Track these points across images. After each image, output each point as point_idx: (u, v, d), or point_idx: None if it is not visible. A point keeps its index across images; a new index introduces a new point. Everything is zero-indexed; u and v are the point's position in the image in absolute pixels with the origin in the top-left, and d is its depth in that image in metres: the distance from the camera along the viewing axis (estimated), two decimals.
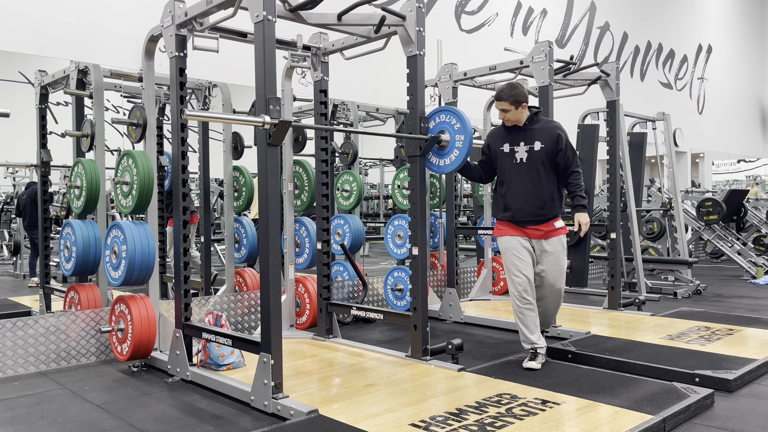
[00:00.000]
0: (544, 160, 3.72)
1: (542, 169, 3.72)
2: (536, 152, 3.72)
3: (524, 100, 3.71)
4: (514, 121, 3.77)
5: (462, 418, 2.78)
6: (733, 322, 4.87)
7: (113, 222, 3.95)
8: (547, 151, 3.71)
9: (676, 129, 7.95)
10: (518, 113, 3.74)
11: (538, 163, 3.71)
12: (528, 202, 3.72)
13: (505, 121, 3.79)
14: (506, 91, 3.70)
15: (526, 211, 3.73)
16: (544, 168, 3.72)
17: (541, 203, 3.71)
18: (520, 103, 3.70)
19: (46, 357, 3.93)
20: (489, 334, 4.86)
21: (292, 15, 3.60)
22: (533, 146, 3.72)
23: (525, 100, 3.72)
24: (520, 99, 3.70)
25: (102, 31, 5.08)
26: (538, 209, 3.72)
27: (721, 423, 2.88)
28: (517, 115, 3.75)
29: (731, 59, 14.80)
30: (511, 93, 3.69)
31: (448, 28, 8.01)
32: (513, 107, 3.71)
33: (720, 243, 8.39)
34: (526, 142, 3.74)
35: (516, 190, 3.76)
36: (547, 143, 3.72)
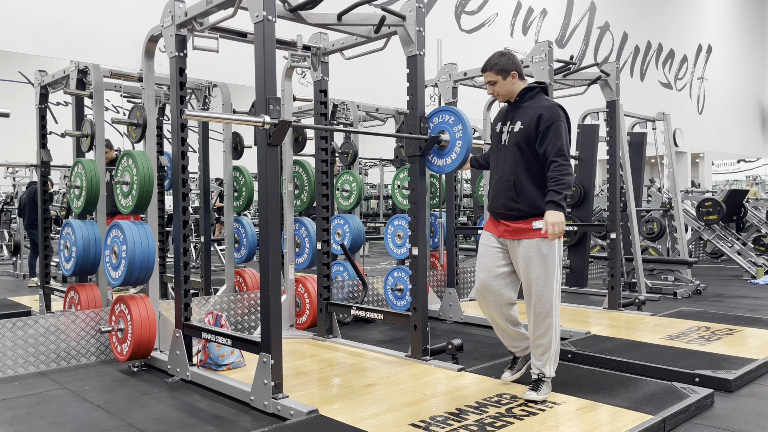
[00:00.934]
0: (521, 143, 3.11)
1: (518, 155, 3.11)
2: (515, 134, 3.13)
3: (514, 69, 3.17)
4: (505, 95, 3.23)
5: (462, 418, 2.78)
6: (733, 322, 4.87)
7: (113, 222, 3.95)
8: (524, 134, 3.10)
9: (676, 129, 7.95)
10: (507, 85, 3.20)
11: (515, 147, 3.12)
12: (501, 191, 3.17)
13: (497, 97, 3.27)
14: (492, 59, 3.21)
15: (498, 202, 3.18)
16: (521, 153, 3.11)
17: (513, 194, 3.10)
18: (508, 72, 3.17)
19: (46, 357, 3.93)
20: (489, 334, 4.86)
21: (292, 15, 3.60)
22: (514, 127, 3.15)
23: (515, 69, 3.17)
24: (508, 67, 3.16)
25: (102, 31, 5.08)
26: (509, 201, 3.12)
27: (721, 423, 2.88)
28: (507, 87, 3.20)
29: (731, 59, 14.80)
30: (497, 61, 3.18)
31: (448, 28, 8.01)
32: (500, 77, 3.18)
33: (720, 243, 8.39)
34: (512, 121, 3.19)
35: (495, 176, 3.25)
36: (526, 124, 3.11)
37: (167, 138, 5.28)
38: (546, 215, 2.98)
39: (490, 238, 3.24)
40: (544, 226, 2.99)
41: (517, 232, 3.11)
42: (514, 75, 3.18)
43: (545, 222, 2.98)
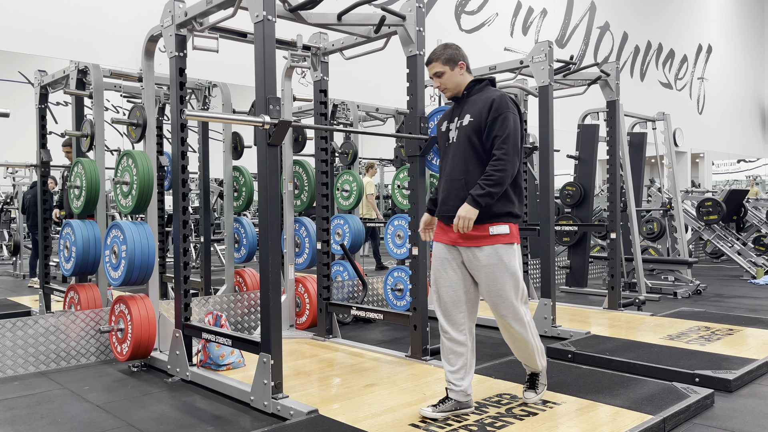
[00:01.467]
0: (472, 137, 2.81)
1: (470, 150, 2.81)
2: (464, 128, 2.85)
3: (461, 59, 2.94)
4: (452, 89, 2.96)
5: (462, 418, 2.78)
6: (733, 322, 4.87)
7: (113, 222, 3.95)
8: (475, 126, 2.81)
9: (676, 129, 7.95)
10: (455, 77, 2.93)
11: (466, 141, 2.83)
12: (452, 192, 2.84)
13: (444, 92, 3.00)
14: (437, 49, 2.96)
15: (449, 204, 2.84)
16: (473, 148, 2.81)
17: (465, 194, 2.76)
18: (456, 62, 2.92)
19: (46, 357, 3.93)
20: (489, 334, 4.86)
21: (292, 15, 3.60)
22: (463, 121, 2.87)
23: (463, 60, 2.94)
24: (456, 57, 2.92)
25: (102, 31, 5.08)
26: (462, 202, 2.76)
27: (721, 423, 2.88)
28: (455, 80, 2.94)
29: (731, 59, 14.80)
30: (443, 51, 2.94)
31: (448, 28, 8.01)
32: (447, 68, 2.92)
33: (720, 243, 8.39)
34: (460, 116, 2.91)
35: (444, 177, 2.92)
36: (476, 116, 2.82)
37: (167, 138, 5.27)
38: (460, 209, 2.70)
39: (442, 249, 2.90)
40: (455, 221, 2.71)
41: (472, 239, 2.77)
42: (462, 66, 2.94)
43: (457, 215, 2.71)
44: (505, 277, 2.77)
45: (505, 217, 2.78)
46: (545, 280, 4.75)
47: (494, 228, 2.76)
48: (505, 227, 2.77)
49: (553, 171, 4.89)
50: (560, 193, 6.98)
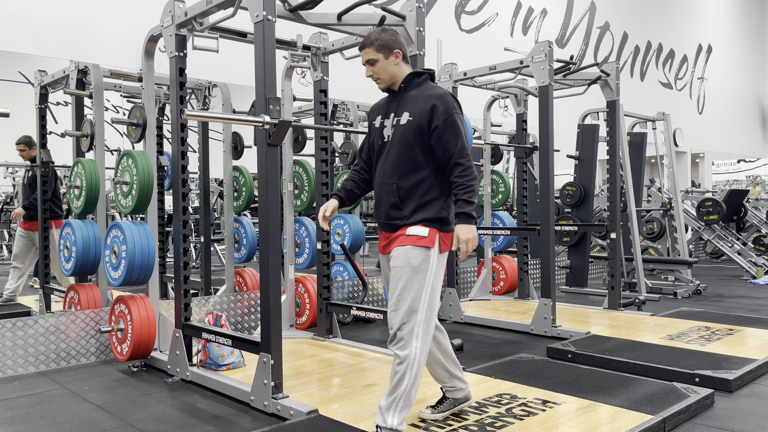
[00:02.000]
0: (410, 138, 2.55)
1: (405, 152, 2.55)
2: (401, 127, 2.58)
3: (397, 47, 2.63)
4: (386, 80, 2.66)
5: (462, 418, 2.78)
6: (733, 322, 4.87)
7: (113, 222, 3.95)
8: (414, 127, 2.54)
9: (676, 129, 7.96)
10: (390, 66, 2.64)
11: (402, 143, 2.56)
12: (383, 196, 2.62)
13: (377, 83, 2.70)
14: (372, 34, 2.66)
15: (381, 210, 2.64)
16: (409, 150, 2.55)
17: (396, 200, 2.55)
18: (391, 50, 2.62)
19: (46, 357, 3.93)
20: (489, 334, 4.86)
21: (292, 15, 3.60)
22: (400, 119, 2.60)
23: (399, 48, 2.63)
24: (391, 45, 2.62)
25: (102, 30, 5.08)
26: (392, 209, 2.57)
27: (721, 423, 2.88)
28: (389, 70, 2.64)
29: (731, 59, 14.80)
30: (378, 36, 2.63)
31: (448, 28, 8.01)
32: (381, 56, 2.62)
33: (720, 243, 8.39)
34: (396, 113, 2.63)
35: (377, 179, 2.67)
36: (416, 115, 2.55)
37: (167, 138, 5.28)
38: (458, 230, 2.48)
39: (383, 260, 2.70)
40: (455, 243, 2.51)
41: (392, 243, 2.57)
42: (398, 55, 2.64)
43: (456, 238, 2.50)
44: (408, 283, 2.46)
45: (427, 221, 2.52)
46: (545, 280, 4.75)
47: (412, 229, 2.52)
48: (424, 230, 2.50)
49: (553, 171, 4.89)
50: (560, 193, 6.98)
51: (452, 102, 2.57)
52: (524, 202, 6.12)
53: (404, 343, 2.43)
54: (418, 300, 2.45)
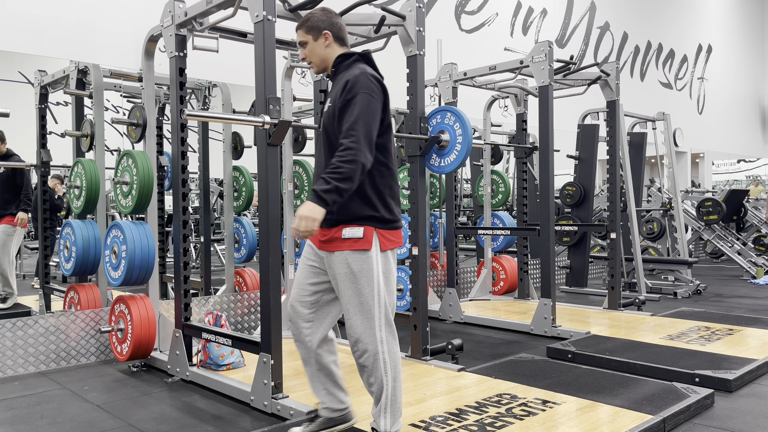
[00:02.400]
0: (328, 126, 2.40)
1: (327, 142, 2.40)
2: (325, 114, 2.44)
3: (327, 28, 2.44)
4: (317, 63, 2.51)
5: (462, 418, 2.78)
6: (733, 322, 4.87)
7: (113, 222, 3.94)
8: (331, 113, 2.39)
9: (676, 129, 7.96)
10: (319, 48, 2.47)
11: (323, 131, 2.43)
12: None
13: (309, 66, 2.57)
14: (305, 15, 2.53)
15: None
16: (328, 140, 2.39)
17: None
18: (320, 31, 2.44)
19: (46, 357, 3.93)
20: (489, 334, 4.86)
21: (292, 15, 3.60)
22: (324, 106, 2.48)
23: (329, 29, 2.45)
24: (320, 25, 2.44)
25: (102, 30, 5.08)
26: None
27: (721, 423, 2.88)
28: (319, 52, 2.47)
29: (731, 59, 14.80)
30: (308, 17, 2.48)
31: (448, 28, 8.01)
32: (310, 37, 2.46)
33: (720, 243, 8.39)
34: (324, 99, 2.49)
35: (314, 173, 2.58)
36: (333, 100, 2.40)
37: (167, 138, 5.27)
38: (301, 207, 2.22)
39: (309, 249, 2.51)
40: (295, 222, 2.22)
41: (328, 243, 2.38)
42: (327, 36, 2.45)
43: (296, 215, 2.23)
44: (353, 287, 2.34)
45: (363, 220, 2.33)
46: (545, 280, 4.75)
47: (347, 231, 2.33)
48: (359, 231, 2.31)
49: (553, 171, 4.89)
50: (560, 193, 6.98)
51: (366, 82, 2.31)
52: (524, 202, 6.12)
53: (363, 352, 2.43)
54: (370, 304, 2.34)
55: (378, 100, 2.34)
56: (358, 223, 2.33)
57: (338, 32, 2.48)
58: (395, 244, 2.43)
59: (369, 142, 2.27)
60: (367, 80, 2.32)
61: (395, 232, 2.42)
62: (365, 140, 2.26)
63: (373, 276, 2.34)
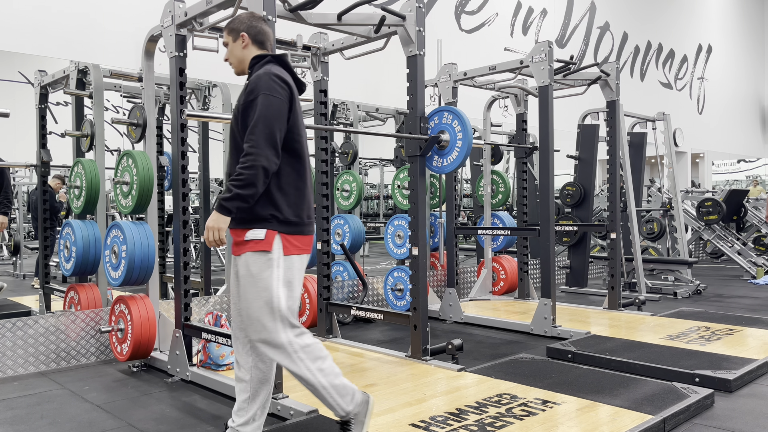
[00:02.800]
0: (233, 129, 2.38)
1: (232, 144, 2.38)
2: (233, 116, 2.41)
3: (244, 30, 2.44)
4: (235, 65, 2.52)
5: (462, 418, 2.78)
6: (733, 322, 4.87)
7: (113, 222, 3.95)
8: (235, 113, 2.37)
9: (676, 129, 7.95)
10: (237, 50, 2.47)
11: (231, 134, 2.40)
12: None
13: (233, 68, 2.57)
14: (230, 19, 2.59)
15: None
16: (234, 143, 2.37)
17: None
18: (238, 32, 2.44)
19: (46, 357, 3.93)
20: (489, 334, 4.86)
21: (292, 15, 3.60)
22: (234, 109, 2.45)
23: (246, 30, 2.44)
24: (239, 27, 2.45)
25: (102, 30, 5.08)
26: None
27: (721, 423, 2.88)
28: (236, 54, 2.48)
29: (731, 59, 14.80)
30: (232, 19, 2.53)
31: (448, 28, 8.01)
32: (231, 38, 2.48)
33: (720, 243, 8.39)
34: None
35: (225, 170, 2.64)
36: (238, 101, 2.38)
37: (167, 138, 5.27)
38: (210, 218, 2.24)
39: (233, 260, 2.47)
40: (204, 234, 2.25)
41: (236, 246, 2.35)
42: (244, 38, 2.44)
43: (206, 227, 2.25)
44: (252, 293, 2.28)
45: (264, 222, 2.28)
46: (545, 280, 4.75)
47: (249, 233, 2.29)
48: (260, 232, 2.27)
49: (553, 171, 4.89)
50: (560, 193, 6.98)
51: (267, 83, 2.26)
52: (524, 202, 6.12)
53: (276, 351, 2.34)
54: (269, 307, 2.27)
55: (282, 99, 2.28)
56: (261, 225, 2.28)
57: (256, 35, 2.46)
58: (301, 250, 2.36)
59: (271, 144, 2.23)
60: (269, 80, 2.27)
61: (302, 237, 2.36)
62: (266, 143, 2.22)
63: (272, 279, 2.28)
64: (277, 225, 2.30)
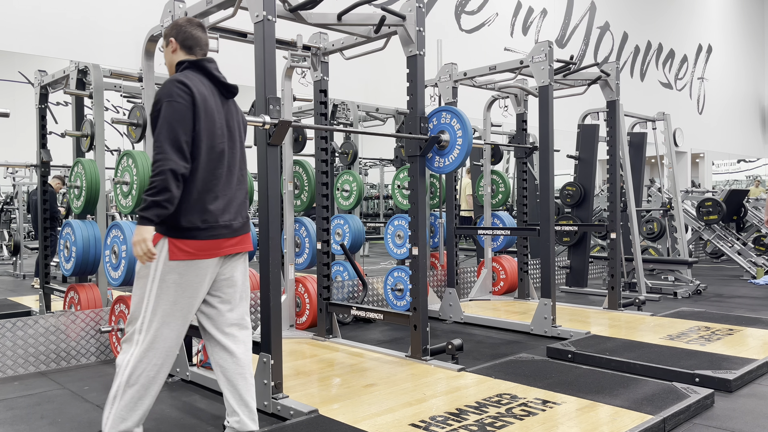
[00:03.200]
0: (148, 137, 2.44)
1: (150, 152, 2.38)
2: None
3: (173, 35, 2.50)
4: (169, 72, 2.58)
5: (462, 418, 2.78)
6: (733, 322, 4.87)
7: (113, 222, 3.95)
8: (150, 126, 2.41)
9: (676, 129, 7.96)
10: (167, 55, 2.55)
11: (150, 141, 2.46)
12: None
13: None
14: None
15: None
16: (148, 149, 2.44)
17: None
18: (168, 37, 2.52)
19: (46, 357, 3.93)
20: (489, 334, 4.86)
21: (292, 15, 3.60)
22: None
23: (174, 36, 2.50)
24: (168, 33, 2.51)
25: (102, 30, 5.08)
26: None
27: (721, 423, 2.88)
28: (167, 59, 2.56)
29: (731, 59, 14.80)
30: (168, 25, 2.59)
31: (448, 28, 8.01)
32: (164, 43, 2.56)
33: (720, 243, 8.39)
34: None
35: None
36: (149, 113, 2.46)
37: None
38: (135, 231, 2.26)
39: None
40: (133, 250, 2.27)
41: None
42: (172, 43, 2.50)
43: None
44: (138, 287, 2.35)
45: (159, 224, 2.29)
46: (545, 280, 4.75)
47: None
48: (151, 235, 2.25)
49: (553, 171, 4.89)
50: (560, 193, 6.98)
51: (168, 89, 2.30)
52: (524, 202, 6.12)
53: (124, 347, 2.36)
54: (139, 306, 2.32)
55: (183, 103, 2.29)
56: (157, 228, 2.30)
57: (184, 40, 2.49)
58: (191, 255, 2.33)
59: (176, 148, 2.25)
60: (171, 86, 2.31)
61: (193, 242, 2.33)
62: (171, 147, 2.25)
63: (148, 281, 2.32)
64: (165, 229, 2.32)
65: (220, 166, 2.41)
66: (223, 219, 2.41)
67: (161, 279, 2.32)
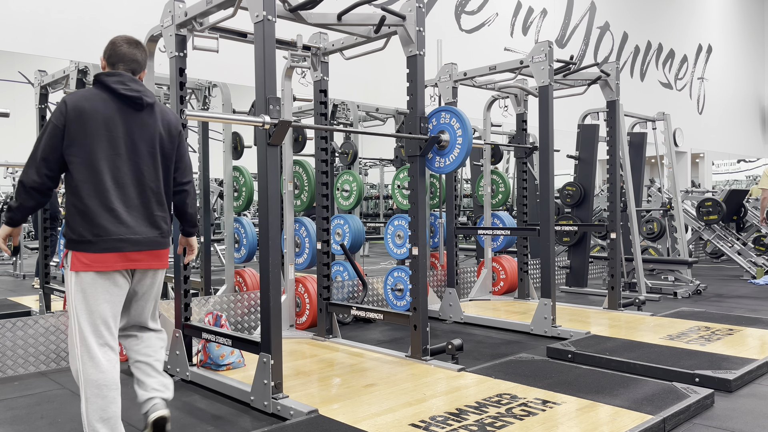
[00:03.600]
0: None
1: None
2: None
3: (104, 54, 2.57)
4: None
5: (462, 418, 2.78)
6: (733, 322, 4.87)
7: None
8: None
9: (676, 129, 7.96)
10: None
11: None
12: None
13: None
14: None
15: None
16: None
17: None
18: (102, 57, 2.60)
19: (46, 357, 3.93)
20: (489, 334, 4.86)
21: (292, 15, 3.60)
22: None
23: (103, 54, 2.57)
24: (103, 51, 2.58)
25: (102, 30, 5.08)
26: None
27: (721, 423, 2.88)
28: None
29: (731, 59, 14.80)
30: None
31: (448, 28, 8.00)
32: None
33: (720, 243, 8.39)
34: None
35: None
36: None
37: None
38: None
39: None
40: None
41: None
42: (101, 60, 2.57)
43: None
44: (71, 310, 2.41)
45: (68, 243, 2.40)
46: (545, 280, 4.75)
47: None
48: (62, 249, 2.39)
49: (553, 171, 4.89)
50: (560, 193, 6.98)
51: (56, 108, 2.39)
52: (524, 202, 6.12)
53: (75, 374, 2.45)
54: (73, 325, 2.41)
55: (54, 123, 2.36)
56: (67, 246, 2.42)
57: (110, 57, 2.54)
58: (88, 266, 2.36)
59: (32, 164, 2.36)
60: (59, 105, 2.40)
61: (87, 254, 2.36)
62: (29, 162, 2.37)
63: (70, 293, 2.41)
64: (68, 243, 2.41)
65: (109, 179, 2.39)
66: (118, 232, 2.39)
67: (74, 290, 2.40)
